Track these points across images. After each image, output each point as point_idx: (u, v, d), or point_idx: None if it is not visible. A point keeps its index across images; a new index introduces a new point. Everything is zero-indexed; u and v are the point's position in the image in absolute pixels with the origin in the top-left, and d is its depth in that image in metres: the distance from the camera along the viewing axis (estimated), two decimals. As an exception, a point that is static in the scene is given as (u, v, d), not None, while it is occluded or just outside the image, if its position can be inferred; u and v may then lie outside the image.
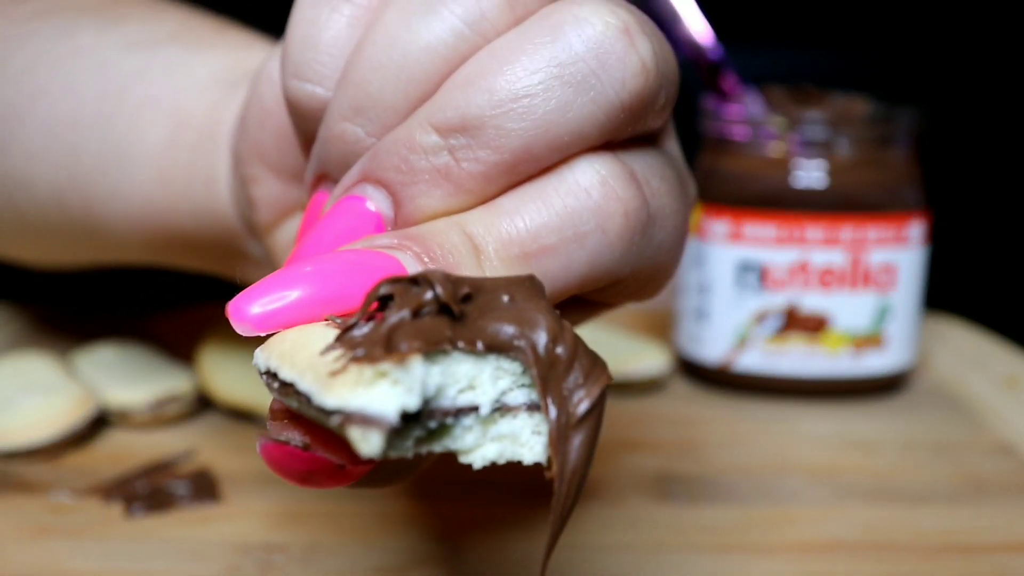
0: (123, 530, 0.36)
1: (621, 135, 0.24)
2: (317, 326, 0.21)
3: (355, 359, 0.19)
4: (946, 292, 0.61)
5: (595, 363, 0.21)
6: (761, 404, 0.49)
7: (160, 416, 0.44)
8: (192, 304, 0.58)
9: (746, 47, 0.62)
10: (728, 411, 0.48)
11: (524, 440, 0.21)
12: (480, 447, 0.21)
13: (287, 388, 0.20)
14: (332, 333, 0.20)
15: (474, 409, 0.20)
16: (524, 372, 0.21)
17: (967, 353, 0.56)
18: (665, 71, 0.24)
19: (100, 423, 0.43)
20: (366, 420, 0.18)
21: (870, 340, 0.49)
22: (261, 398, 0.43)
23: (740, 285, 0.48)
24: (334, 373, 0.19)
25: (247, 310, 0.21)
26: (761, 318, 0.48)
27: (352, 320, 0.20)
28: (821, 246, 0.48)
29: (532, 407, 0.21)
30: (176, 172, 0.34)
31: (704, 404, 0.49)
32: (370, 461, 0.22)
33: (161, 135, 0.35)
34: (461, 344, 0.20)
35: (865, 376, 0.49)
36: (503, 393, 0.21)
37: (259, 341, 0.22)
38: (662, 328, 0.57)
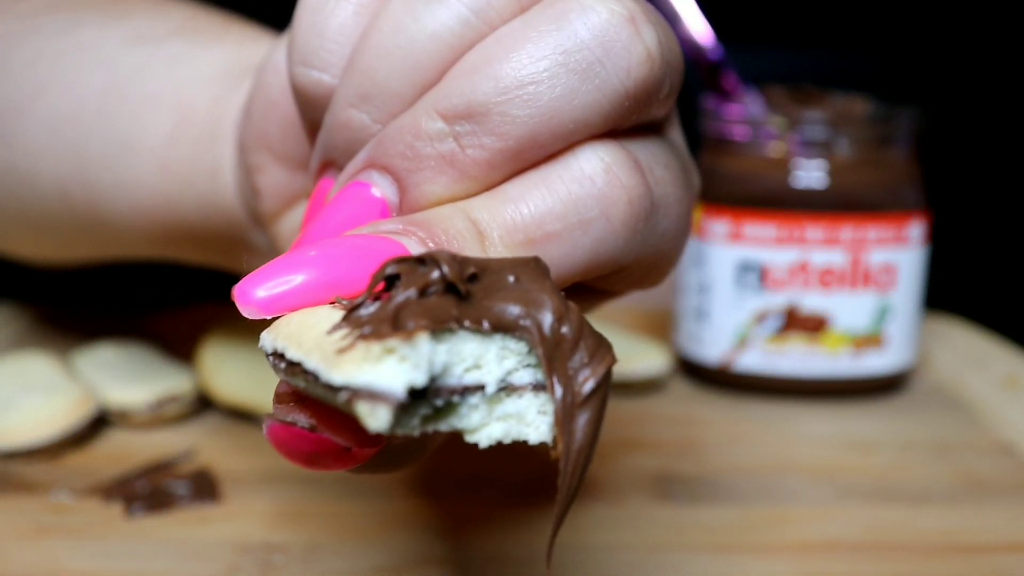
0: (123, 530, 0.36)
1: (625, 123, 0.24)
2: (323, 308, 0.21)
3: (362, 336, 0.19)
4: (946, 292, 0.61)
5: (600, 343, 0.21)
6: (761, 404, 0.49)
7: (160, 416, 0.44)
8: (192, 303, 0.58)
9: (746, 47, 0.62)
10: (728, 411, 0.48)
11: (530, 419, 0.21)
12: (486, 426, 0.21)
13: (294, 368, 0.20)
14: (338, 314, 0.21)
15: (480, 388, 0.21)
16: (530, 352, 0.21)
17: (967, 353, 0.56)
18: (670, 60, 0.24)
19: (100, 423, 0.43)
20: (374, 396, 0.19)
21: (870, 340, 0.49)
22: (261, 398, 0.43)
23: (740, 285, 0.48)
24: (341, 351, 0.19)
25: (253, 293, 0.22)
26: (761, 318, 0.48)
27: (359, 300, 0.20)
28: (821, 246, 0.48)
29: (538, 387, 0.21)
30: (180, 165, 0.34)
31: (704, 404, 0.49)
32: (376, 443, 0.22)
33: (164, 129, 0.35)
34: (467, 323, 0.20)
35: (865, 376, 0.49)
36: (509, 372, 0.21)
37: (263, 328, 0.22)
38: (662, 328, 0.57)
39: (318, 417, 0.22)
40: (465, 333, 0.20)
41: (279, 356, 0.21)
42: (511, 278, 0.21)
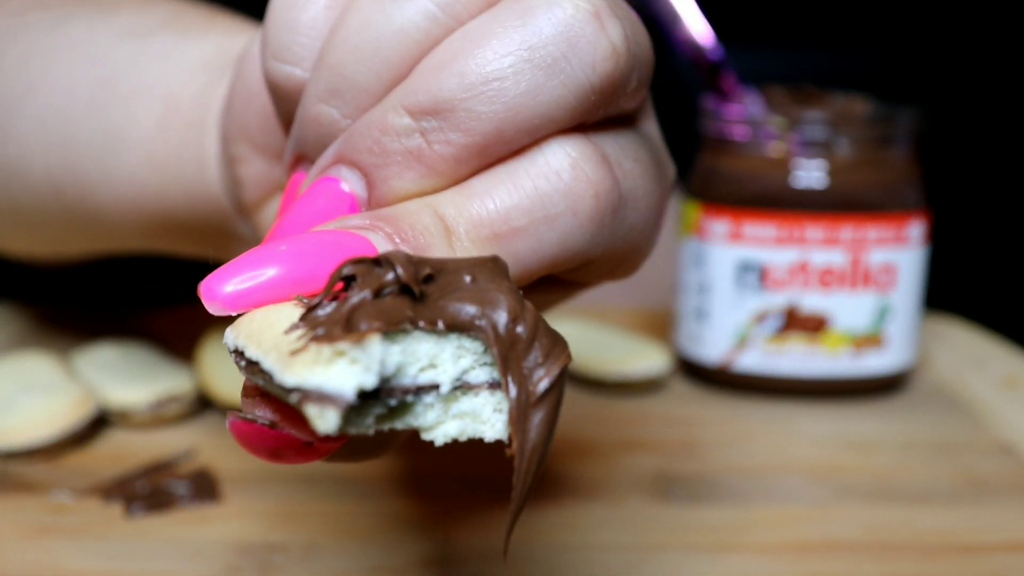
0: (123, 530, 0.36)
1: (593, 117, 0.25)
2: (286, 306, 0.22)
3: (315, 338, 0.20)
4: (946, 292, 0.61)
5: (555, 342, 0.22)
6: (761, 404, 0.49)
7: (160, 416, 0.44)
8: (192, 302, 0.58)
9: (746, 47, 0.62)
10: (728, 411, 0.48)
11: (485, 418, 0.22)
12: (441, 424, 0.21)
13: (254, 366, 0.21)
14: (299, 312, 0.21)
15: (435, 387, 0.21)
16: (485, 351, 0.21)
17: (967, 353, 0.56)
18: (637, 54, 0.25)
19: (100, 423, 0.43)
20: (323, 398, 0.19)
21: (870, 340, 0.49)
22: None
23: (740, 285, 0.48)
24: (295, 352, 0.20)
25: (220, 289, 0.22)
26: (761, 318, 0.48)
27: (316, 300, 0.21)
28: (821, 246, 0.48)
29: (493, 385, 0.21)
30: (167, 155, 0.34)
31: (704, 404, 0.49)
32: (336, 438, 0.22)
33: (152, 120, 0.35)
34: (422, 324, 0.20)
35: (865, 376, 0.49)
36: (464, 372, 0.21)
37: (230, 321, 0.23)
38: (662, 328, 0.57)
39: (280, 412, 0.22)
40: (419, 333, 0.21)
41: (240, 354, 0.21)
42: (468, 278, 0.21)
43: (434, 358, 0.21)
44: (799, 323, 0.48)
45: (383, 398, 0.20)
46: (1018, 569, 0.34)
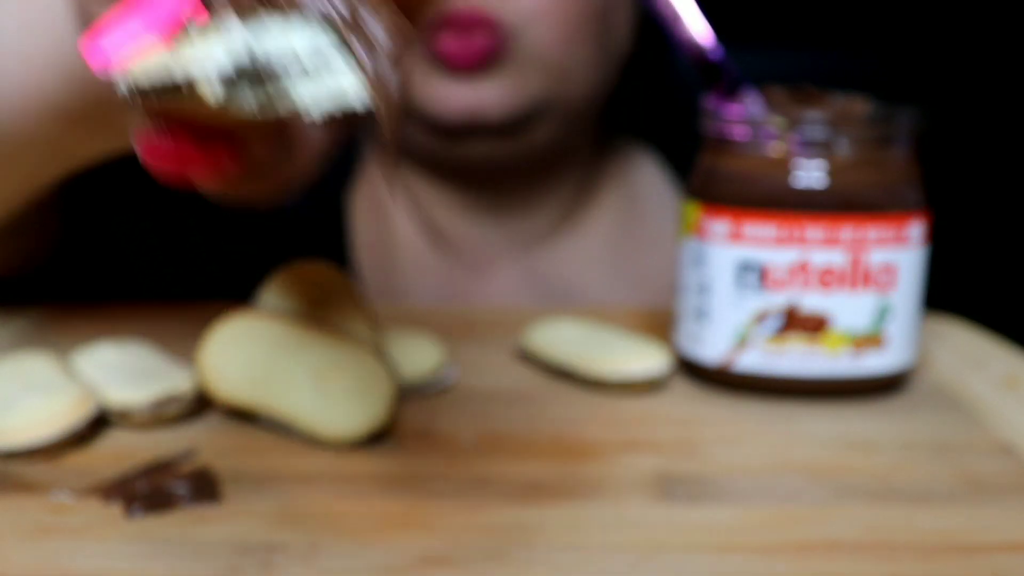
0: (123, 530, 0.36)
1: None
2: (161, 45, 0.26)
3: (187, 36, 0.24)
4: (946, 292, 0.61)
5: (396, 17, 0.26)
6: (761, 404, 0.49)
7: (160, 416, 0.44)
8: (192, 302, 0.58)
9: (746, 47, 0.62)
10: (728, 411, 0.48)
11: (348, 89, 0.25)
12: (313, 100, 0.25)
13: (147, 93, 0.25)
14: (172, 44, 0.25)
15: (299, 66, 0.25)
16: (335, 30, 0.25)
17: (967, 353, 0.56)
18: None
19: (100, 423, 0.43)
20: (203, 71, 0.24)
21: (870, 340, 0.49)
22: (261, 398, 0.43)
23: (740, 285, 0.48)
24: (175, 51, 0.24)
25: (99, 46, 0.25)
26: (761, 318, 0.48)
27: (185, 25, 0.25)
28: (821, 246, 0.48)
29: (349, 59, 0.25)
30: (35, 48, 0.37)
31: (704, 404, 0.49)
32: (234, 145, 0.27)
33: (13, 25, 0.38)
34: (276, 9, 0.25)
35: (865, 376, 0.49)
36: (321, 48, 0.25)
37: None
38: (662, 328, 0.57)
39: (181, 132, 0.27)
40: (275, 18, 0.25)
41: (134, 88, 0.25)
42: None
43: (292, 39, 0.25)
44: (799, 323, 0.48)
45: (256, 78, 0.25)
46: (1018, 569, 0.34)
